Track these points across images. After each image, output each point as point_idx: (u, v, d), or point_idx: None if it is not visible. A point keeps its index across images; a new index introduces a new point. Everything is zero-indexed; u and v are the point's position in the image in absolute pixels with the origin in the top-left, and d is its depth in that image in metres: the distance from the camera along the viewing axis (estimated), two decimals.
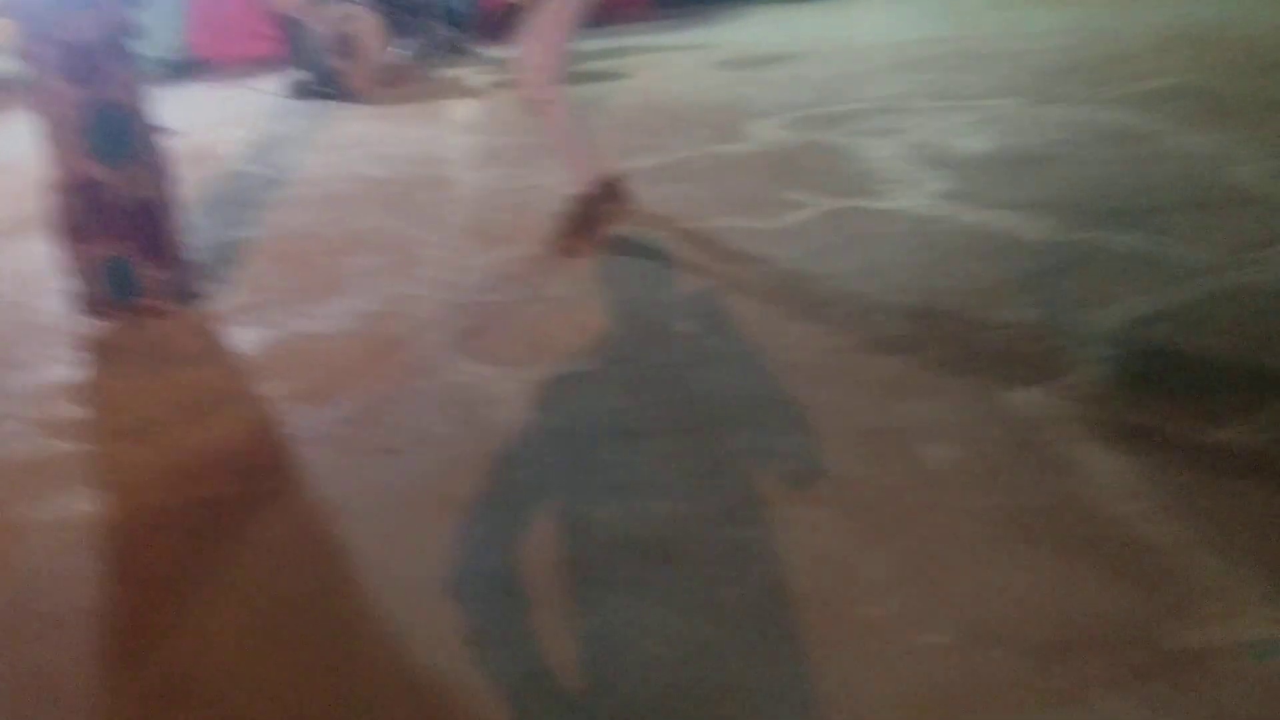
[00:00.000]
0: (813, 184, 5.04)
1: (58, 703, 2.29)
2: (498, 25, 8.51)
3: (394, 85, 8.73)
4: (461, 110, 7.64)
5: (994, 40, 7.56)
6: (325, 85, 8.65)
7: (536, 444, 3.13)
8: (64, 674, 2.37)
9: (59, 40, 4.13)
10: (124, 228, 4.30)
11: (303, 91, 8.80)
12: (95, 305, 4.32)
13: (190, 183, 5.90)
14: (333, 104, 8.42)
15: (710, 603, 2.39)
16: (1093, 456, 2.75)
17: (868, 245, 4.26)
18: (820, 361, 3.40)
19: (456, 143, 6.71)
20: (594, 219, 4.74)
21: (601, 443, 3.09)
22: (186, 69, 10.83)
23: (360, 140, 7.10)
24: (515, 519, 2.77)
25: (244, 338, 4.15)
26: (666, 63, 8.42)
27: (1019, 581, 2.34)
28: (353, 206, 5.61)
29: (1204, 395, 2.97)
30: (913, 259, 4.08)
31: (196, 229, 5.09)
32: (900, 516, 2.61)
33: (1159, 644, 2.12)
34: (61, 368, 3.97)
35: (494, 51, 9.38)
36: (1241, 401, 2.89)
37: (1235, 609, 2.19)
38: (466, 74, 8.96)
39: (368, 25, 8.68)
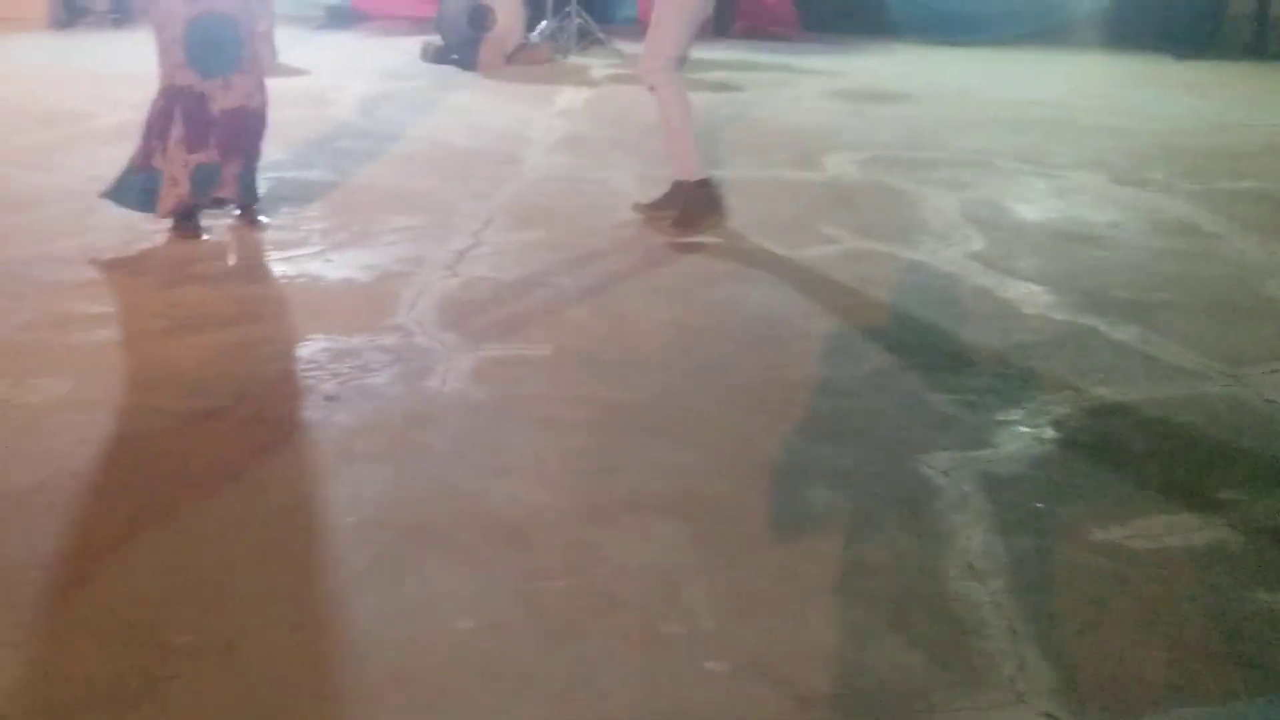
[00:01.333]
0: (855, 223, 5.03)
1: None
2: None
3: (520, 63, 8.93)
4: (569, 96, 7.78)
5: (1110, 115, 7.39)
6: (456, 53, 8.89)
7: (454, 418, 3.22)
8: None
9: None
10: (211, 137, 4.57)
11: (435, 55, 9.06)
12: (177, 208, 4.58)
13: (294, 121, 6.22)
14: (457, 72, 8.67)
15: (534, 591, 2.46)
16: (972, 530, 2.72)
17: (869, 289, 4.25)
18: (759, 389, 3.42)
19: (547, 126, 6.85)
20: (689, 213, 4.83)
21: (514, 427, 3.17)
22: (345, 17, 11.25)
23: (462, 110, 7.31)
24: (402, 479, 2.88)
25: (264, 268, 4.37)
26: (786, 84, 8.44)
27: (823, 631, 2.34)
28: (420, 168, 5.80)
29: (1113, 494, 2.90)
30: (906, 310, 4.06)
31: (279, 163, 5.38)
32: (749, 547, 2.63)
33: (917, 715, 2.12)
34: (93, 270, 4.24)
35: (624, 45, 9.54)
36: (1138, 507, 2.83)
37: (1018, 699, 2.16)
38: (592, 63, 9.11)
39: (507, 2, 8.88)
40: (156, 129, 4.52)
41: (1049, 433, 3.20)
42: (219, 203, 4.74)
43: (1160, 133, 6.89)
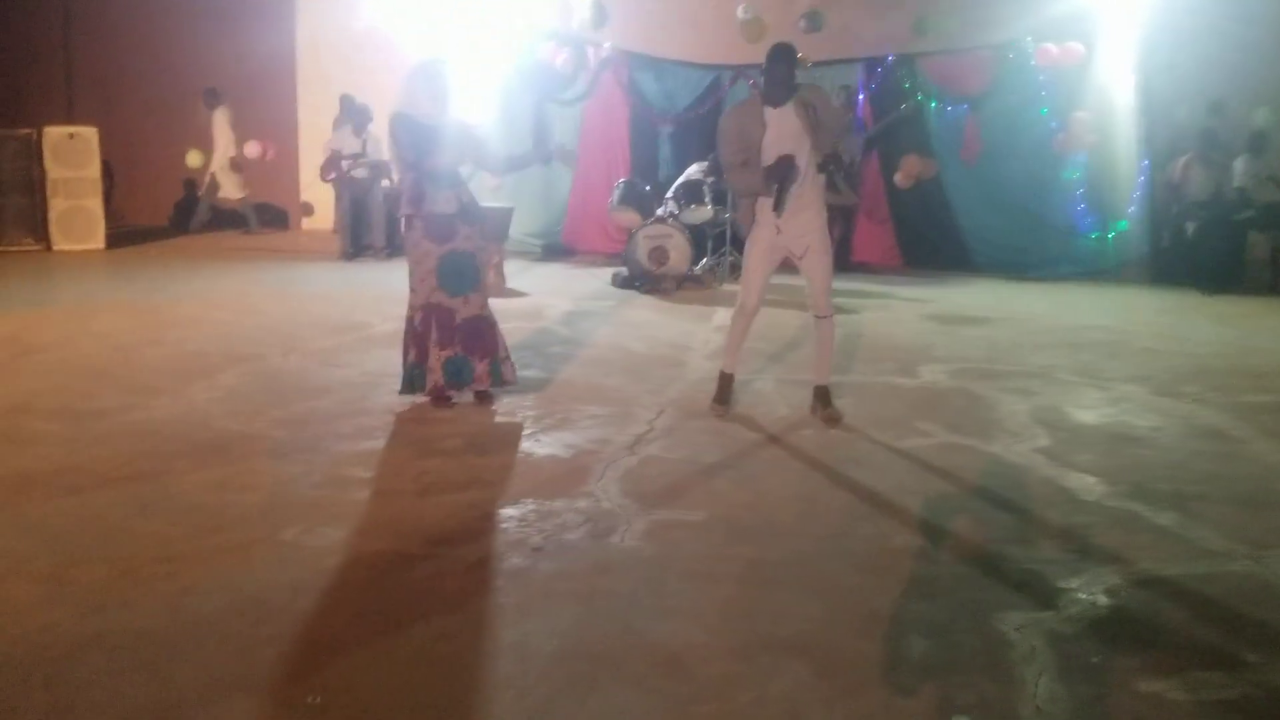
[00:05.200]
0: (946, 421, 5.00)
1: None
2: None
3: (686, 289, 9.21)
4: (722, 315, 7.95)
5: (1152, 339, 7.22)
6: (638, 280, 9.23)
7: (630, 569, 3.27)
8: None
9: (429, 213, 4.88)
10: (456, 338, 5.00)
11: (622, 282, 9.42)
12: (434, 391, 5.01)
13: (517, 332, 6.53)
14: (638, 295, 8.98)
15: (688, 715, 2.48)
16: (1039, 679, 2.65)
17: (956, 475, 4.21)
18: (869, 554, 3.41)
19: (705, 338, 7.02)
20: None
21: (675, 577, 3.21)
22: (557, 250, 11.80)
23: (641, 324, 7.55)
24: (588, 616, 2.95)
25: (492, 445, 4.56)
26: (891, 308, 8.49)
27: None
28: (609, 369, 5.99)
29: (1156, 652, 2.79)
30: (987, 493, 4.01)
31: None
32: (861, 684, 2.60)
33: None
34: (365, 443, 4.49)
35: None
36: (1177, 664, 2.71)
37: None
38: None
39: (677, 243, 9.23)
40: (423, 336, 4.95)
41: (1102, 599, 3.10)
42: (480, 395, 5.10)
43: (1194, 354, 6.69)
